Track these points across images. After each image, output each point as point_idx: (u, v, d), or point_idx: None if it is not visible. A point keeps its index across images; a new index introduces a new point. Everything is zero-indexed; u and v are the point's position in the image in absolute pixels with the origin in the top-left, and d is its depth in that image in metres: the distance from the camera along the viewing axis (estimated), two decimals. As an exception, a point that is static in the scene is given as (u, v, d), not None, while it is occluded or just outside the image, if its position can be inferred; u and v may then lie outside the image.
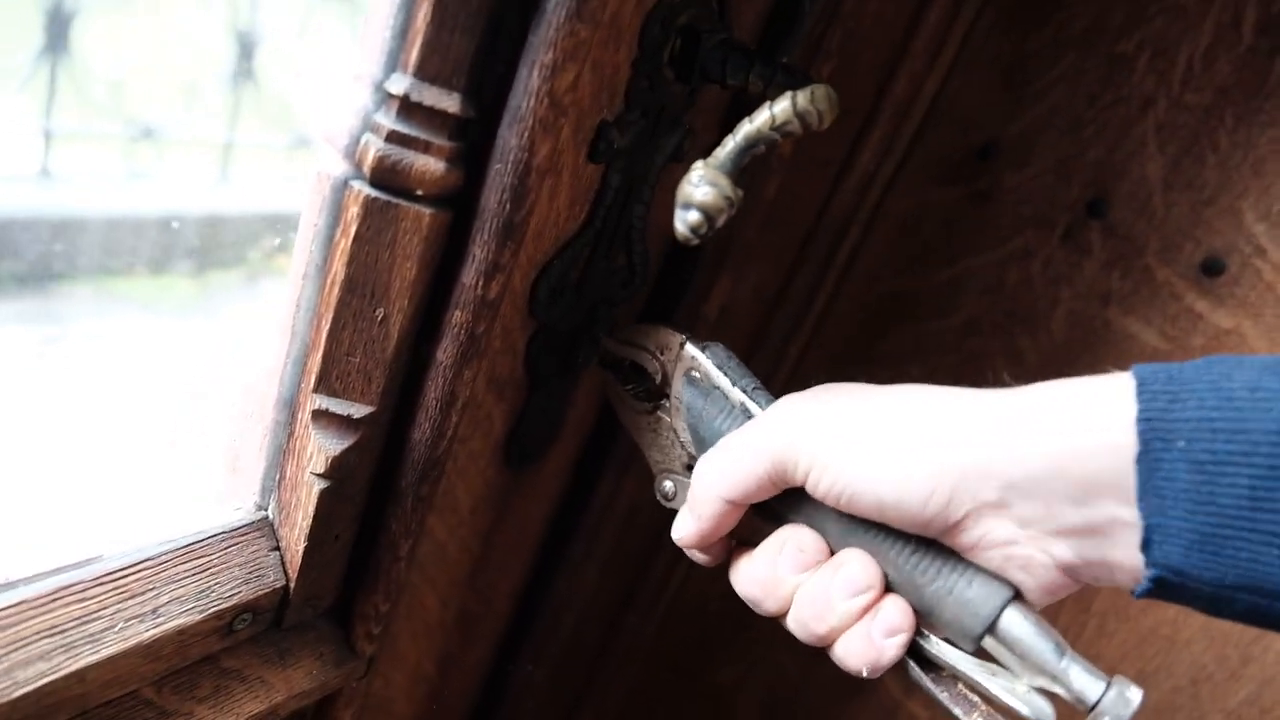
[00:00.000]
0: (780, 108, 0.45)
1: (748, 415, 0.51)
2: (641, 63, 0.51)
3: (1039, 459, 0.39)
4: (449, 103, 0.44)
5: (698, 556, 0.53)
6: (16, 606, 0.43)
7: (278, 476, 0.53)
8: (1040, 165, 0.79)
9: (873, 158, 0.81)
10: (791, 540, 0.48)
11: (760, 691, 1.03)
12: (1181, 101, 0.72)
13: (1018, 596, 0.43)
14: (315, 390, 0.49)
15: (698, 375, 0.54)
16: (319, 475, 0.51)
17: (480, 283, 0.48)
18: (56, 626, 0.44)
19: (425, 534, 0.61)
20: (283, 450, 0.53)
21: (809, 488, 0.46)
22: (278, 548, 0.54)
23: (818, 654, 0.48)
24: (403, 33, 0.43)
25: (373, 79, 0.44)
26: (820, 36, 0.62)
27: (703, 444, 0.52)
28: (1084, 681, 0.41)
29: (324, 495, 0.51)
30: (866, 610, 0.45)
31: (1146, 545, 0.37)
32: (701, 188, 0.43)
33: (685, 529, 0.51)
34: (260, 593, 0.53)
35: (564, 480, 0.74)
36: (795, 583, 0.47)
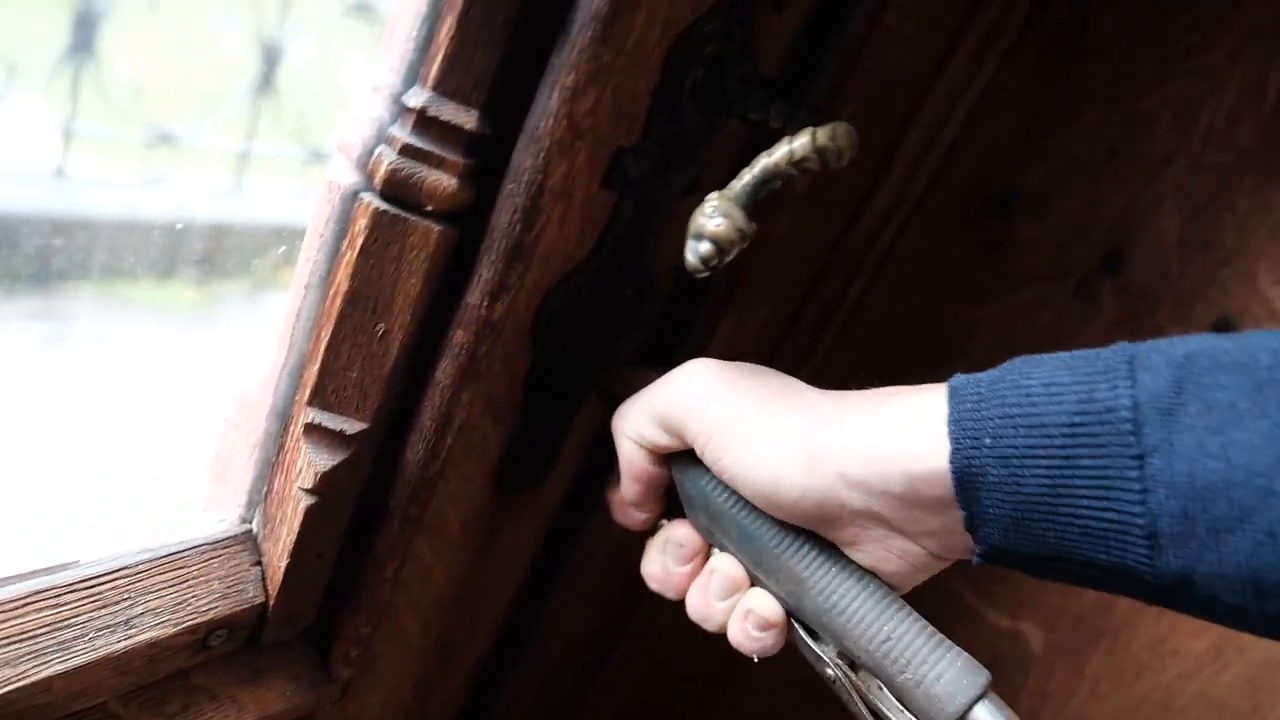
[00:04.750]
0: (800, 143, 0.44)
1: None
2: (662, 92, 0.50)
3: (895, 479, 0.43)
4: (466, 119, 0.43)
5: (633, 516, 0.57)
6: (-15, 610, 0.42)
7: (265, 489, 0.52)
8: (1057, 217, 0.78)
9: (889, 198, 0.80)
10: (671, 538, 0.53)
11: (743, 735, 1.01)
12: (1201, 161, 0.71)
13: (986, 693, 0.43)
14: (309, 403, 0.48)
15: None
16: (307, 491, 0.49)
17: (485, 303, 0.47)
18: (27, 632, 0.43)
19: (412, 556, 0.59)
20: (272, 463, 0.51)
21: (698, 452, 0.49)
22: (260, 563, 0.53)
23: (814, 698, 0.48)
24: (425, 46, 0.42)
25: (391, 91, 0.43)
26: (843, 78, 0.61)
27: (689, 500, 0.51)
28: None
29: (310, 511, 0.50)
30: (738, 607, 0.50)
31: (971, 529, 0.42)
32: (715, 219, 0.42)
33: (613, 483, 0.56)
34: (238, 608, 0.51)
35: (554, 510, 0.72)
36: (681, 573, 0.52)
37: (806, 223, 0.75)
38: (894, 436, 0.43)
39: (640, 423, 0.52)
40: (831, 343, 0.86)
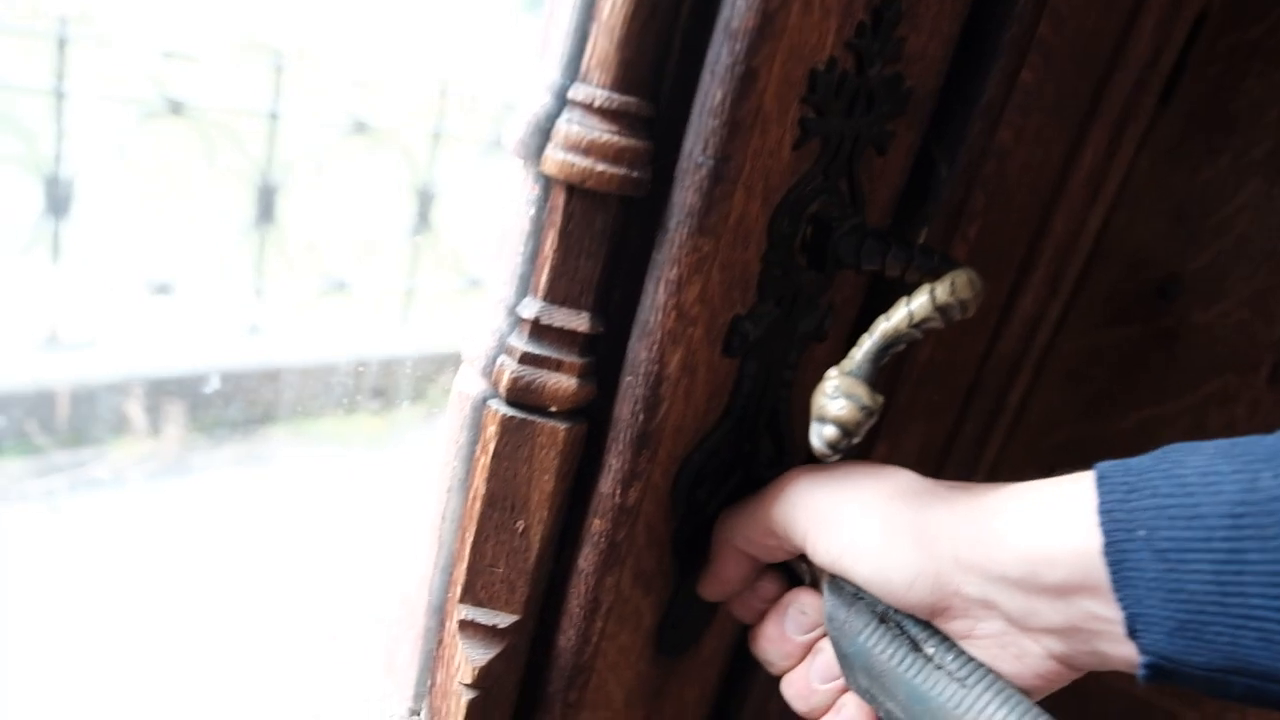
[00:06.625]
0: (918, 303, 0.42)
1: (897, 630, 0.47)
2: (771, 255, 0.50)
3: (1012, 562, 0.40)
4: (578, 322, 0.44)
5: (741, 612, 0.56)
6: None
7: (429, 683, 0.54)
8: (1233, 301, 0.71)
9: (1035, 301, 0.76)
10: (795, 604, 0.52)
11: None
12: (1396, 224, 0.64)
13: None
14: (461, 601, 0.50)
15: (844, 581, 0.49)
16: (467, 685, 0.50)
17: (618, 491, 0.48)
18: None
19: (578, 732, 0.59)
20: (433, 657, 0.53)
21: (809, 553, 0.49)
22: (431, 755, 0.54)
23: None
24: (532, 259, 0.44)
25: (506, 304, 0.46)
26: (962, 201, 0.59)
27: (846, 659, 0.48)
28: None
29: (472, 705, 0.51)
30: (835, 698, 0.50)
31: (1134, 634, 0.38)
32: (837, 400, 0.41)
33: (703, 577, 0.56)
34: (413, 803, 0.52)
35: (721, 664, 0.70)
36: (800, 643, 0.51)
37: (951, 339, 0.72)
38: (1016, 519, 0.41)
39: (744, 524, 0.52)
40: (997, 455, 0.81)
